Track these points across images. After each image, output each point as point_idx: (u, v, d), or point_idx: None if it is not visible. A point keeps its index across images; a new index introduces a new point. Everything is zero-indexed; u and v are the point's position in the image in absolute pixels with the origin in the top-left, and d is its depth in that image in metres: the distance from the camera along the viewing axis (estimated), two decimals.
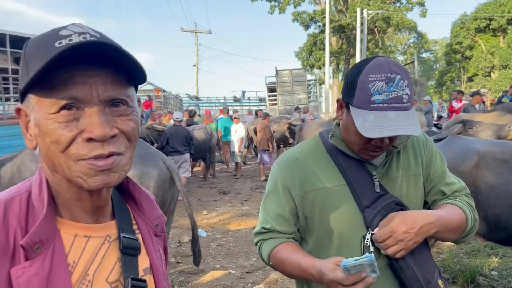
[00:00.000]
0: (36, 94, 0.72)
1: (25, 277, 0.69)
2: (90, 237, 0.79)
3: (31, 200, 0.76)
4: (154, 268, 0.89)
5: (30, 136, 0.76)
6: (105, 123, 0.72)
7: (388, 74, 1.20)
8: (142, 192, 0.93)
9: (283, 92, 22.39)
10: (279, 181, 1.42)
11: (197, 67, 36.30)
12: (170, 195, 3.87)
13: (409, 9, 29.48)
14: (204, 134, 10.57)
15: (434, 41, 55.19)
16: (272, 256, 1.39)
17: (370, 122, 1.19)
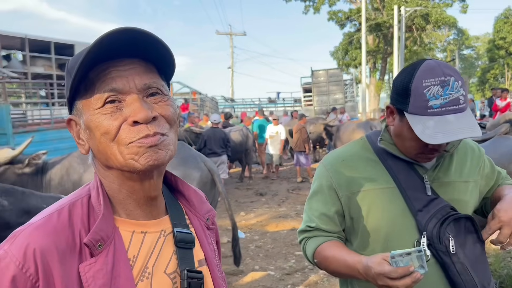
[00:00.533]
0: (82, 98, 0.80)
1: (91, 272, 0.75)
2: (146, 232, 0.85)
3: (91, 202, 0.82)
4: (208, 259, 0.93)
5: (82, 141, 0.83)
6: (145, 107, 0.78)
7: (442, 78, 1.19)
8: (190, 189, 0.98)
9: (319, 92, 22.22)
10: (325, 181, 1.42)
11: (232, 69, 36.64)
12: (211, 196, 3.94)
13: (448, 5, 28.58)
14: (241, 135, 10.65)
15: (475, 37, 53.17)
16: (317, 253, 1.38)
17: (430, 128, 1.18)
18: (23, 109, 11.06)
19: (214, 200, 4.03)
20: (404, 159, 1.36)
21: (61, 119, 9.90)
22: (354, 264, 1.23)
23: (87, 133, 0.81)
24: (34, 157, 4.26)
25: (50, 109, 9.29)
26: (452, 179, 1.37)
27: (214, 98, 27.41)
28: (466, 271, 1.25)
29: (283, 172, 12.40)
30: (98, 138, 0.78)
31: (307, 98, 23.32)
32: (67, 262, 0.74)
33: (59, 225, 0.77)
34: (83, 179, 4.08)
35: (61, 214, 0.78)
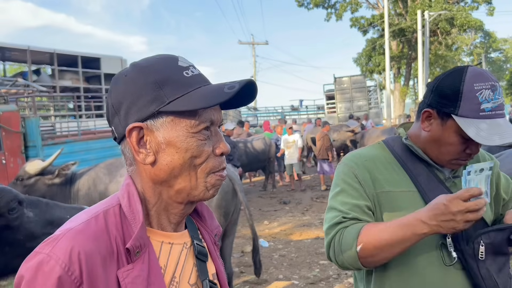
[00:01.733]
0: (176, 115, 0.82)
1: (130, 278, 0.77)
2: (173, 244, 0.88)
3: (122, 211, 0.84)
4: (219, 273, 0.98)
5: (147, 150, 0.83)
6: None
7: (492, 83, 1.23)
8: (203, 205, 1.02)
9: (343, 99, 22.06)
10: (350, 178, 1.37)
11: (255, 77, 36.81)
12: (233, 205, 3.95)
13: (474, 8, 27.98)
14: (263, 144, 10.67)
15: (503, 40, 51.86)
16: (362, 235, 1.24)
17: (485, 130, 1.20)
18: (52, 121, 11.39)
19: (236, 209, 4.04)
20: (426, 161, 1.36)
21: (88, 131, 10.16)
22: (414, 217, 1.18)
23: (163, 148, 0.82)
24: (63, 168, 4.39)
25: (77, 121, 9.54)
26: None
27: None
28: (491, 277, 1.23)
29: (306, 181, 12.34)
30: (185, 159, 0.82)
31: (330, 105, 23.17)
32: (108, 267, 0.76)
33: (98, 230, 0.79)
34: (109, 189, 4.17)
35: (98, 220, 0.80)
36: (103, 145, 8.87)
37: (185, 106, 0.80)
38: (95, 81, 14.30)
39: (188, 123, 0.82)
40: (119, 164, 4.42)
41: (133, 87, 0.82)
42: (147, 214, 0.87)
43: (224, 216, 3.90)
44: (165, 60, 0.85)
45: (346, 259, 1.26)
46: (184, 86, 0.81)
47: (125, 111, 0.83)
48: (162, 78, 0.82)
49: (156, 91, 0.81)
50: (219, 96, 0.80)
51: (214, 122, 0.86)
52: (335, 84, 22.38)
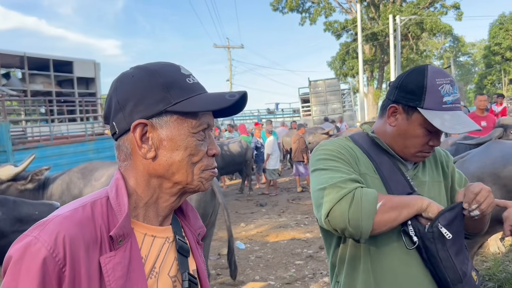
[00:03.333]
0: (180, 115, 0.90)
1: (111, 264, 0.83)
2: (155, 237, 0.93)
3: (109, 203, 0.89)
4: (200, 271, 1.03)
5: (149, 146, 0.90)
6: None
7: (450, 78, 1.34)
8: (188, 204, 1.07)
9: (317, 102, 22.34)
10: (338, 153, 1.40)
11: (231, 81, 36.81)
12: (211, 207, 3.97)
13: (443, 13, 28.82)
14: (240, 147, 10.70)
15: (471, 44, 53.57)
16: (380, 194, 1.29)
17: (448, 121, 1.30)
18: (22, 126, 11.12)
19: (215, 211, 4.06)
20: (390, 154, 1.44)
21: (61, 136, 9.98)
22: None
23: (165, 145, 0.90)
24: (37, 173, 4.30)
25: (49, 125, 9.35)
26: (428, 179, 1.49)
27: None
28: (449, 258, 1.30)
29: (283, 183, 12.42)
30: (183, 156, 0.90)
31: (306, 109, 23.44)
32: (90, 253, 0.81)
33: (84, 218, 0.84)
34: (83, 193, 4.12)
35: (85, 209, 0.86)
36: (76, 150, 8.72)
37: (192, 108, 0.88)
38: (68, 85, 14.01)
39: (190, 124, 0.90)
40: (93, 168, 4.37)
41: (141, 87, 0.89)
42: (135, 206, 0.92)
43: (203, 217, 3.90)
44: (170, 66, 0.94)
45: (364, 214, 1.23)
46: (188, 91, 0.90)
47: (131, 108, 0.89)
48: (169, 81, 0.90)
49: (164, 93, 0.89)
50: (222, 102, 0.90)
51: (209, 126, 0.94)
52: (310, 88, 22.66)
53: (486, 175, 3.36)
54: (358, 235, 1.27)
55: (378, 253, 1.37)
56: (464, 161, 3.66)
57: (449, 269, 1.31)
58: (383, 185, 1.40)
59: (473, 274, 1.38)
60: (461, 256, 1.35)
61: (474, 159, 3.60)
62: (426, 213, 1.29)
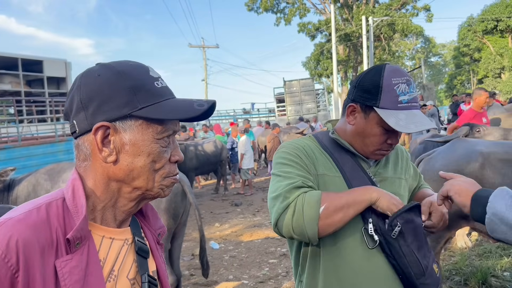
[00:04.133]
0: (145, 120, 0.88)
1: (68, 268, 0.80)
2: (114, 239, 0.92)
3: (66, 204, 0.86)
4: (160, 272, 1.02)
5: (110, 150, 0.87)
6: None
7: (407, 78, 1.36)
8: (148, 205, 1.05)
9: (292, 102, 22.50)
10: (295, 156, 1.43)
11: (206, 81, 36.65)
12: (182, 207, 3.95)
13: (414, 14, 29.46)
14: (214, 147, 10.68)
15: (442, 45, 54.95)
16: (324, 196, 1.29)
17: (403, 120, 1.32)
18: None
19: (186, 211, 4.04)
20: (351, 152, 1.47)
21: (30, 137, 9.73)
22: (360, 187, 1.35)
23: (127, 149, 0.87)
24: (1, 174, 4.19)
25: (17, 126, 9.11)
26: (389, 175, 1.52)
27: None
28: (412, 252, 1.34)
29: (258, 182, 12.45)
30: (144, 161, 0.88)
31: (281, 108, 23.57)
32: (46, 257, 0.78)
33: (38, 220, 0.80)
34: None
35: (40, 211, 0.82)
36: (46, 151, 8.52)
37: (158, 115, 0.86)
38: (37, 85, 13.66)
39: (155, 129, 0.88)
40: (60, 169, 4.29)
41: (107, 88, 0.86)
42: (93, 209, 0.89)
43: (174, 218, 3.88)
44: (139, 68, 0.91)
45: (308, 220, 1.26)
46: (155, 96, 0.88)
47: (94, 108, 0.86)
48: (137, 84, 0.87)
49: (130, 96, 0.86)
50: (190, 112, 0.89)
51: (175, 132, 0.93)
52: (284, 88, 22.81)
53: (451, 172, 3.45)
54: (306, 240, 1.32)
55: (340, 251, 1.39)
56: (430, 159, 3.76)
57: (413, 263, 1.34)
58: (344, 183, 1.42)
59: (434, 267, 1.41)
60: (423, 250, 1.38)
61: (439, 156, 3.70)
62: (376, 207, 1.32)
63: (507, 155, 3.28)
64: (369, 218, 1.36)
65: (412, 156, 5.44)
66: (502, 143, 3.62)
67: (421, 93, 16.41)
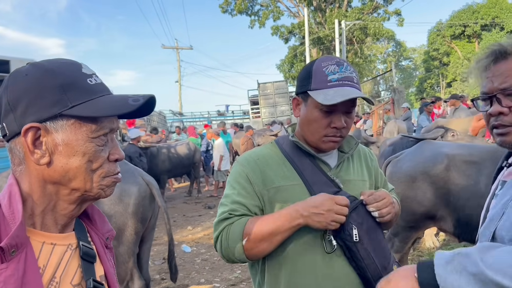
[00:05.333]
0: (77, 119, 0.84)
1: (2, 277, 0.76)
2: (55, 244, 0.88)
3: (1, 211, 0.82)
4: (108, 276, 0.99)
5: (43, 151, 0.83)
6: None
7: (338, 60, 1.41)
8: (94, 207, 1.03)
9: (266, 104, 22.56)
10: (242, 178, 1.45)
11: (180, 83, 36.38)
12: (150, 211, 3.88)
13: (385, 19, 30.12)
14: (187, 149, 10.59)
15: (412, 49, 56.24)
16: (247, 229, 1.34)
17: (331, 95, 1.34)
18: None
19: (154, 215, 3.97)
20: (310, 154, 1.46)
21: None
22: (293, 208, 1.33)
23: (60, 150, 0.83)
24: None
25: None
26: (352, 178, 1.51)
27: (162, 112, 27.09)
28: (369, 255, 1.35)
29: None
30: (79, 162, 0.84)
31: (255, 111, 23.61)
32: None
33: None
34: None
35: None
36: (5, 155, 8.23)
37: (90, 112, 0.83)
38: None
39: (89, 128, 0.85)
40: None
41: (35, 87, 0.82)
42: (32, 214, 0.86)
43: (141, 221, 3.81)
44: (70, 65, 0.87)
45: (234, 253, 1.37)
46: (87, 93, 0.85)
47: (23, 109, 0.82)
48: (67, 82, 0.84)
49: (60, 95, 0.82)
50: (124, 107, 0.85)
51: (112, 130, 0.90)
52: (259, 90, 22.84)
53: (418, 173, 3.53)
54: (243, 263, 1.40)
55: (299, 257, 1.38)
56: (398, 161, 3.83)
57: (370, 266, 1.35)
58: (306, 189, 1.42)
59: (394, 267, 1.43)
60: (381, 251, 1.39)
61: (406, 158, 3.77)
62: (311, 226, 1.32)
63: (471, 157, 3.37)
64: None
65: (382, 158, 5.54)
66: (467, 145, 3.73)
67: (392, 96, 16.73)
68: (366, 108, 27.05)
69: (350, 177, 1.50)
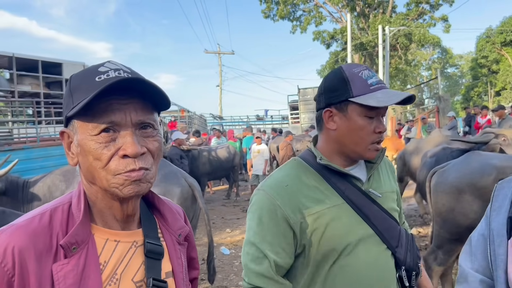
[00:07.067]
0: (80, 119, 0.86)
1: (63, 272, 0.83)
2: (119, 241, 0.92)
3: (71, 209, 0.89)
4: (175, 272, 1.01)
5: (72, 154, 0.90)
6: (136, 143, 0.86)
7: (365, 66, 1.37)
8: (166, 206, 1.06)
9: (306, 110, 22.46)
10: (271, 209, 1.32)
11: (221, 87, 36.87)
12: (192, 211, 3.99)
13: (431, 24, 29.25)
14: (227, 152, 10.71)
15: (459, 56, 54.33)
16: None
17: (381, 96, 1.29)
18: (9, 127, 11.02)
19: (195, 216, 4.08)
20: (343, 172, 1.38)
21: (48, 137, 9.90)
22: None
23: (79, 150, 0.88)
24: None
25: (36, 127, 9.28)
26: (384, 190, 1.45)
27: (203, 116, 27.52)
28: None
29: None
30: (90, 162, 0.86)
31: (295, 116, 23.56)
32: (43, 261, 0.82)
33: (39, 227, 0.84)
34: None
35: (43, 217, 0.86)
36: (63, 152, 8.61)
37: (77, 108, 0.83)
38: (56, 86, 13.92)
39: (90, 126, 0.85)
40: (75, 171, 4.36)
41: (63, 96, 0.91)
42: (94, 212, 0.92)
43: None
44: (91, 66, 0.91)
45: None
46: (88, 91, 0.83)
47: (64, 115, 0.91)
48: (75, 85, 0.88)
49: (69, 98, 0.88)
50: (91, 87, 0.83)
51: (117, 123, 0.85)
52: (299, 95, 22.79)
53: (464, 185, 3.43)
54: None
55: None
56: (443, 171, 3.74)
57: None
58: (351, 208, 1.35)
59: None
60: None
61: (453, 169, 3.68)
62: None
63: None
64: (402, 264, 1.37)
65: (423, 169, 5.41)
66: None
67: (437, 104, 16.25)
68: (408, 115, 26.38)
69: (382, 190, 1.44)
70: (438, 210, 3.62)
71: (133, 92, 0.87)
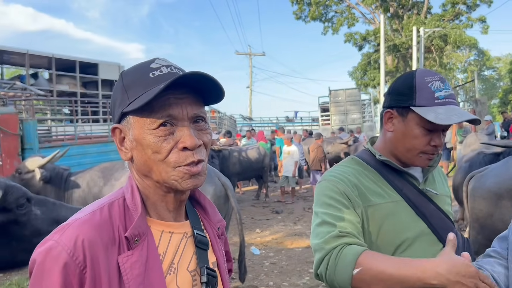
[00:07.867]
0: (136, 115, 0.88)
1: (129, 263, 0.85)
2: (173, 233, 0.96)
3: (126, 203, 0.93)
4: (219, 263, 1.05)
5: (126, 149, 0.93)
6: (194, 135, 0.89)
7: (440, 76, 1.33)
8: (206, 199, 1.10)
9: (337, 112, 22.29)
10: (336, 193, 1.33)
11: (251, 88, 37.00)
12: (224, 210, 4.04)
13: (468, 26, 28.44)
14: (257, 153, 10.76)
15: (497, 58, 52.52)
16: (362, 258, 1.16)
17: (442, 113, 1.28)
18: (48, 125, 11.44)
19: (228, 215, 4.14)
20: (401, 170, 1.41)
21: (84, 136, 10.23)
22: (429, 264, 1.11)
23: (134, 146, 0.90)
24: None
25: (74, 125, 9.61)
26: (440, 192, 1.47)
27: (233, 117, 27.71)
28: None
29: (299, 191, 12.40)
30: (148, 155, 0.88)
31: (325, 118, 23.40)
32: (109, 253, 0.84)
33: (102, 220, 0.87)
34: (103, 192, 4.25)
35: (103, 211, 0.89)
36: (99, 150, 8.95)
37: (136, 104, 0.85)
38: (92, 86, 14.38)
39: (148, 121, 0.87)
40: (113, 168, 4.51)
41: (114, 92, 0.94)
42: (150, 205, 0.95)
43: None
44: (141, 63, 0.93)
45: (338, 279, 1.18)
46: (144, 87, 0.86)
47: (112, 114, 0.95)
48: (129, 81, 0.90)
49: (123, 94, 0.90)
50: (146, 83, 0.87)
51: (175, 117, 0.88)
52: (330, 97, 22.63)
53: (504, 191, 3.33)
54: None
55: None
56: (481, 176, 3.64)
57: None
58: (408, 205, 1.37)
59: None
60: None
61: (491, 173, 3.57)
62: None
63: None
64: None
65: (458, 174, 5.29)
66: None
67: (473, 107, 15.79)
68: None
69: (438, 191, 1.46)
70: (476, 216, 3.53)
71: (186, 87, 0.89)
